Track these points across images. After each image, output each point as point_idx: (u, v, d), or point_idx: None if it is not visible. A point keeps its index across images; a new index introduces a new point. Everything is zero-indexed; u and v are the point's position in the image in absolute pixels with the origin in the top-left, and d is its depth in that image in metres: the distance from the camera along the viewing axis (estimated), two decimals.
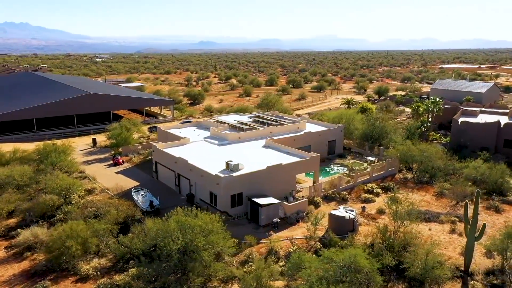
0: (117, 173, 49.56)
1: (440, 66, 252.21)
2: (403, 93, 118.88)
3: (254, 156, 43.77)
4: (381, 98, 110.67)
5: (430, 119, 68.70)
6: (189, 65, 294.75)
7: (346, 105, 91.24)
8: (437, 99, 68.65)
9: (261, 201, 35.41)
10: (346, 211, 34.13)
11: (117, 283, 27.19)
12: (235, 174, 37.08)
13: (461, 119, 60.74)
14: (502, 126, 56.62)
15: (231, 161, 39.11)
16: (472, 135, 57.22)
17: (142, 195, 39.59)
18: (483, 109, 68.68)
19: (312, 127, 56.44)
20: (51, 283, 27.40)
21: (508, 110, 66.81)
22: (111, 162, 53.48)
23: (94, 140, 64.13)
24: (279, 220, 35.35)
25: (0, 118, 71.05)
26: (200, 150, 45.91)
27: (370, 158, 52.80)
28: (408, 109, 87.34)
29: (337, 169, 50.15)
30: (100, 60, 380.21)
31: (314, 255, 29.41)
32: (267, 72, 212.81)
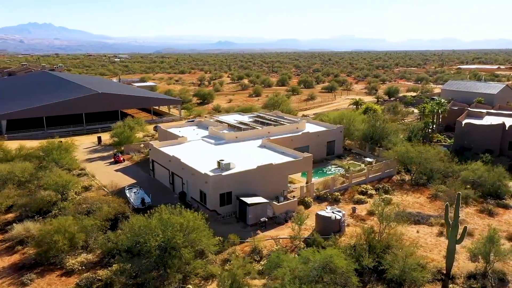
0: (116, 171, 50.54)
1: (458, 66, 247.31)
2: (414, 94, 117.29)
3: (249, 156, 44.03)
4: (391, 99, 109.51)
5: (435, 121, 67.73)
6: (204, 65, 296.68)
7: (354, 106, 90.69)
8: (442, 100, 67.61)
9: (249, 200, 35.69)
10: (333, 212, 34.11)
11: (100, 277, 27.90)
12: (224, 173, 37.43)
13: (465, 121, 59.77)
14: (507, 128, 55.47)
15: (222, 160, 39.50)
16: (475, 137, 56.23)
17: (134, 192, 40.37)
18: (490, 110, 67.35)
19: (311, 128, 56.37)
20: (37, 276, 28.26)
21: None
22: (112, 160, 54.54)
23: (99, 138, 65.45)
24: (266, 220, 35.56)
25: (11, 116, 73.28)
26: (196, 149, 46.44)
27: (368, 159, 52.46)
28: (417, 110, 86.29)
29: (334, 170, 49.98)
30: (118, 60, 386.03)
31: (296, 255, 29.56)
32: (280, 72, 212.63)
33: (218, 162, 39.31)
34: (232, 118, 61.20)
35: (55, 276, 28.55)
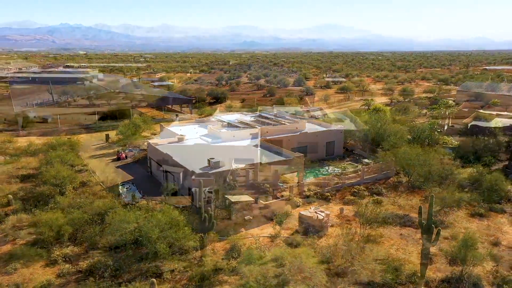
0: (117, 167, 51.89)
1: (484, 67, 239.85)
2: (430, 95, 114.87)
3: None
4: (406, 100, 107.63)
5: (442, 122, 66.35)
6: (225, 64, 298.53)
7: (366, 107, 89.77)
8: (450, 101, 66.13)
9: (233, 198, 36.10)
10: (315, 212, 34.13)
11: (80, 269, 28.93)
12: (212, 171, 37.97)
13: (472, 123, 58.34)
14: None
15: (212, 158, 40.06)
16: (481, 140, 54.77)
17: (127, 188, 41.50)
18: (500, 112, 65.44)
19: (312, 128, 56.23)
20: (21, 266, 29.53)
21: None
22: (115, 157, 56.02)
23: (106, 136, 67.23)
24: (251, 218, 35.91)
25: (27, 113, 76.18)
26: (192, 148, 47.23)
27: (366, 160, 51.97)
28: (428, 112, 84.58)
29: (331, 170, 49.77)
30: (143, 59, 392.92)
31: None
32: (300, 72, 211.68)
33: (208, 160, 39.91)
34: (234, 117, 61.77)
35: (39, 266, 29.74)
